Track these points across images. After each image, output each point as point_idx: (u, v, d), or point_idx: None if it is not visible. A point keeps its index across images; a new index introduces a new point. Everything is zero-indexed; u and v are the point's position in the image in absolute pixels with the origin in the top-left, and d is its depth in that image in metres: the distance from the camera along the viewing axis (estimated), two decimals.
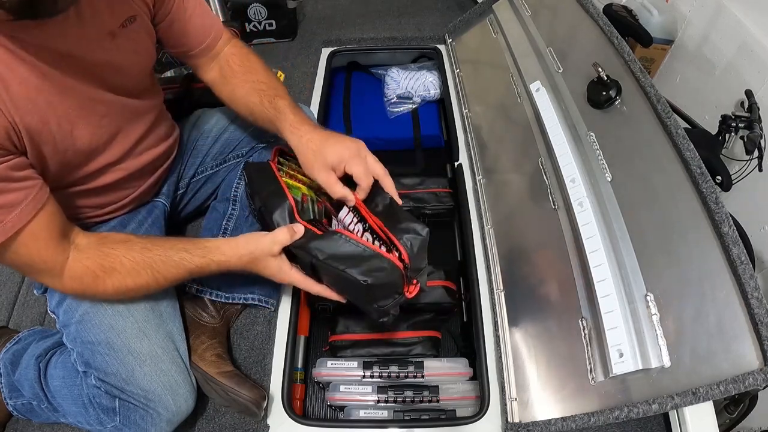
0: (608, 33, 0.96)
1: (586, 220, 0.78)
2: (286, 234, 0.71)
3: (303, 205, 0.81)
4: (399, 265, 0.69)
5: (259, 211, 0.78)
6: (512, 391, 0.77)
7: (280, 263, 0.73)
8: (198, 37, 0.83)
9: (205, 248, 0.70)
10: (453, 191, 1.16)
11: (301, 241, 0.71)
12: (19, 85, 0.58)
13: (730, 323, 0.61)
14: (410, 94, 1.43)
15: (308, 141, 0.77)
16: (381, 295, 0.70)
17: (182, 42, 0.82)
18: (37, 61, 0.59)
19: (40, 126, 0.61)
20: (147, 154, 0.82)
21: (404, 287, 0.71)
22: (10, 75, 0.57)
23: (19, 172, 0.59)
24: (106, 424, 0.72)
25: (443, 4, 1.73)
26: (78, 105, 0.66)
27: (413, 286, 0.72)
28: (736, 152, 1.03)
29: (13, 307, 1.02)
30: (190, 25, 0.81)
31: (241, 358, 0.91)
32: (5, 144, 0.57)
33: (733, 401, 0.84)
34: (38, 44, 0.58)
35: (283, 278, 0.74)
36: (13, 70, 0.57)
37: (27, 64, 0.58)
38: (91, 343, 0.72)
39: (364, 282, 0.66)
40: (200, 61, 0.86)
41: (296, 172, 0.88)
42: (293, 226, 0.72)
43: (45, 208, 0.62)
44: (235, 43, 0.88)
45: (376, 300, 0.70)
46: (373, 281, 0.67)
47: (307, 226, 0.73)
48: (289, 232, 0.71)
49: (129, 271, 0.67)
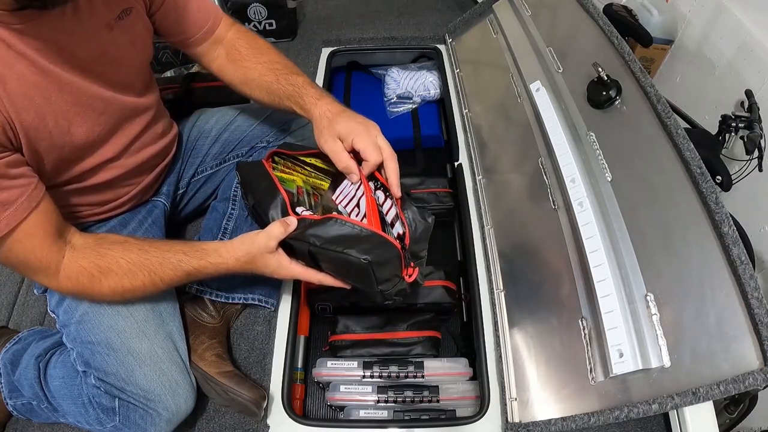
0: (608, 33, 0.96)
1: (586, 220, 0.78)
2: (279, 228, 0.70)
3: (298, 198, 0.80)
4: (396, 244, 0.68)
5: (253, 208, 0.78)
6: (512, 391, 0.77)
7: (279, 258, 0.72)
8: (197, 22, 0.82)
9: (202, 251, 0.70)
10: (453, 191, 1.16)
11: (297, 232, 0.71)
12: (17, 82, 0.57)
13: (730, 323, 0.60)
14: (410, 94, 1.43)
15: (326, 111, 0.76)
16: (383, 276, 0.69)
17: (181, 29, 0.81)
18: (35, 56, 0.59)
19: (36, 122, 0.61)
20: (144, 151, 0.81)
21: (402, 269, 0.71)
22: (7, 72, 0.57)
23: (14, 170, 0.59)
24: (106, 424, 0.72)
25: (443, 4, 1.73)
26: (75, 101, 0.65)
27: (411, 269, 0.71)
28: (736, 152, 1.03)
29: (13, 307, 1.02)
30: (187, 11, 0.80)
31: (241, 358, 0.91)
32: (1, 140, 0.57)
33: (733, 401, 0.84)
34: (37, 36, 0.58)
35: (283, 273, 0.73)
36: (11, 66, 0.57)
37: (25, 59, 0.58)
38: (91, 342, 0.72)
39: (365, 260, 0.65)
40: (203, 49, 0.85)
41: (292, 168, 0.88)
42: (286, 219, 0.71)
43: (40, 206, 0.61)
44: (238, 28, 0.88)
45: (379, 282, 0.69)
46: (374, 258, 0.66)
47: (300, 216, 0.72)
48: (283, 226, 0.70)
49: (126, 272, 0.67)
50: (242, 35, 0.86)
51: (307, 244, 0.69)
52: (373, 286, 0.70)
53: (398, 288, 0.72)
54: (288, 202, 0.74)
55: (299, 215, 0.73)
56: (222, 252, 0.70)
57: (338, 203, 0.81)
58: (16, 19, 0.55)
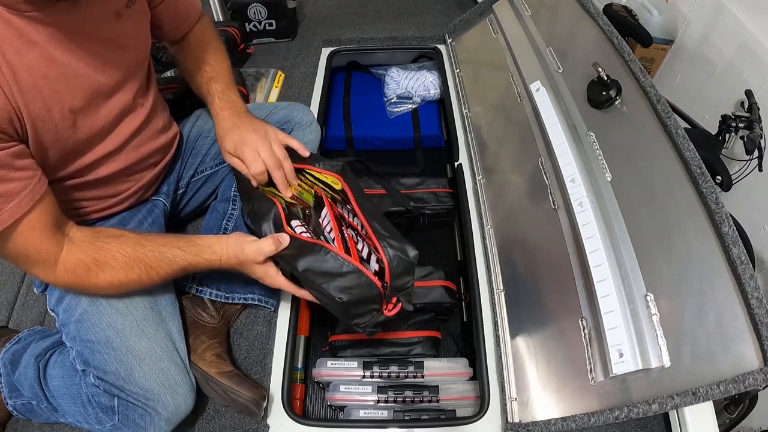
0: (608, 33, 0.96)
1: (586, 220, 0.78)
2: (271, 246, 0.71)
3: (290, 211, 0.81)
4: (377, 283, 0.70)
5: (249, 216, 0.79)
6: (512, 391, 0.77)
7: (265, 269, 0.74)
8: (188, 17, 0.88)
9: (197, 246, 0.72)
10: (453, 191, 1.16)
11: (285, 251, 0.72)
12: (27, 72, 0.58)
13: (730, 323, 0.60)
14: (410, 94, 1.43)
15: (222, 125, 0.84)
16: (357, 312, 0.71)
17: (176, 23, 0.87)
18: (47, 45, 0.60)
19: (43, 114, 0.62)
20: (145, 146, 0.82)
21: (383, 305, 0.72)
22: (19, 61, 0.57)
23: (20, 161, 0.59)
24: (105, 423, 0.72)
25: (443, 4, 1.73)
26: (82, 94, 0.66)
27: (392, 304, 0.73)
28: (736, 152, 1.03)
29: (12, 307, 1.02)
30: (182, 5, 0.85)
31: (241, 358, 0.91)
32: (8, 130, 0.58)
33: (733, 401, 0.84)
34: (50, 23, 0.59)
35: (269, 282, 0.75)
36: (22, 56, 0.58)
37: (37, 48, 0.59)
38: (91, 341, 0.72)
39: (339, 299, 0.68)
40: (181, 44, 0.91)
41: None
42: (279, 236, 0.73)
43: (42, 199, 0.62)
44: (202, 20, 0.92)
45: (353, 316, 0.71)
46: (349, 298, 0.68)
47: (294, 235, 0.73)
48: (275, 243, 0.72)
49: (122, 265, 0.67)
50: (198, 28, 0.92)
51: (290, 267, 0.71)
52: (347, 319, 0.72)
53: (375, 321, 0.73)
54: (283, 215, 0.75)
55: (293, 231, 0.74)
56: (216, 249, 0.72)
57: (323, 227, 0.82)
58: (30, 6, 0.56)
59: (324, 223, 0.81)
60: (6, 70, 0.56)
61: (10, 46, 0.56)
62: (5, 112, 0.56)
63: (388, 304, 0.72)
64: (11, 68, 0.56)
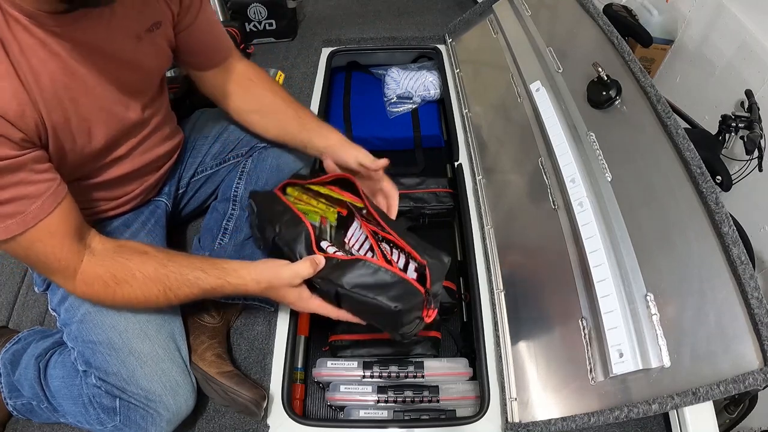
0: (608, 33, 0.96)
1: (586, 220, 0.78)
2: (309, 268, 0.70)
3: (321, 228, 0.81)
4: (421, 290, 0.70)
5: (273, 241, 0.78)
6: (512, 391, 0.77)
7: (300, 292, 0.73)
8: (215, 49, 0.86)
9: (222, 269, 0.70)
10: (453, 191, 1.16)
11: (324, 272, 0.71)
12: (49, 81, 0.59)
13: (730, 323, 0.60)
14: (410, 94, 1.43)
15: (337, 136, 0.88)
16: (407, 320, 0.71)
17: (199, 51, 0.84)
18: (67, 57, 0.60)
19: (62, 123, 0.62)
20: (152, 152, 0.83)
21: (424, 311, 0.72)
22: (42, 70, 0.58)
23: (40, 165, 0.60)
24: (107, 424, 0.72)
25: (443, 4, 1.73)
26: (98, 106, 0.67)
27: (431, 310, 0.73)
28: (736, 152, 1.03)
29: (12, 307, 1.02)
30: (209, 36, 0.83)
31: (241, 358, 0.91)
32: (32, 137, 0.58)
33: (733, 401, 0.84)
34: (71, 39, 0.60)
35: (302, 306, 0.74)
36: (45, 65, 0.58)
37: (58, 59, 0.59)
38: (93, 342, 0.72)
39: (395, 308, 0.67)
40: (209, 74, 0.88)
41: (308, 199, 0.88)
42: (315, 258, 0.72)
43: (63, 204, 0.62)
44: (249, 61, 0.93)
45: (403, 325, 0.71)
46: (403, 306, 0.68)
47: (328, 255, 0.73)
48: (312, 266, 0.71)
49: (140, 285, 0.67)
50: (253, 67, 0.92)
51: (336, 285, 0.70)
52: (397, 329, 0.71)
53: (417, 329, 0.73)
54: (313, 236, 0.75)
55: (325, 251, 0.74)
56: (243, 274, 0.71)
57: (351, 246, 0.82)
58: (54, 21, 0.57)
59: (351, 240, 0.81)
60: (30, 77, 0.57)
61: (35, 54, 0.57)
62: (31, 119, 0.57)
63: (428, 310, 0.72)
64: (35, 76, 0.57)
